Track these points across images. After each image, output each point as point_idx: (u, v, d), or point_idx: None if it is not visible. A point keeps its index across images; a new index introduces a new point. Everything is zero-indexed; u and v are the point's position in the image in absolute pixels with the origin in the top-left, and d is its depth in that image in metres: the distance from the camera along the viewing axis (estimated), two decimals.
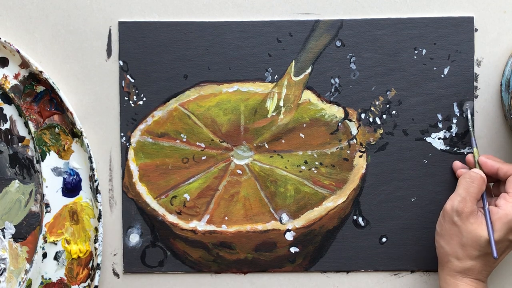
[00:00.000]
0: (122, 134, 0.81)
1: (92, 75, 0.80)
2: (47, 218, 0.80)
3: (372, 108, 0.80)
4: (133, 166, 0.81)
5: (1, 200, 0.80)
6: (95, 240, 0.79)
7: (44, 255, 0.80)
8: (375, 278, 0.81)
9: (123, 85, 0.80)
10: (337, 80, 0.80)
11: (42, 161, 0.80)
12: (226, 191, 0.81)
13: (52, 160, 0.80)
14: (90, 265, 0.80)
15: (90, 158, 0.79)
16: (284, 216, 0.81)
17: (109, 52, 0.80)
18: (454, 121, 0.80)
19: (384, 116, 0.80)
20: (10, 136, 0.80)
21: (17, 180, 0.80)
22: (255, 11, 0.80)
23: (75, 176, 0.80)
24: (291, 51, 0.80)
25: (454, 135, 0.80)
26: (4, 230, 0.80)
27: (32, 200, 0.80)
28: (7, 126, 0.80)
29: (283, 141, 0.81)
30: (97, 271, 0.79)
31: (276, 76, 0.80)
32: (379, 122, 0.80)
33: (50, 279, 0.80)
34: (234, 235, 0.81)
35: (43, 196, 0.80)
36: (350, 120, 0.80)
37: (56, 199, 0.80)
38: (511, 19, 0.80)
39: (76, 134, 0.80)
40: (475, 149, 0.77)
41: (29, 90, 0.80)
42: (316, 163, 0.80)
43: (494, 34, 0.80)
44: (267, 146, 0.81)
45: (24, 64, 0.79)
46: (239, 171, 0.81)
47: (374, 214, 0.80)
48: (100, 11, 0.80)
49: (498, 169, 0.76)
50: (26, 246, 0.80)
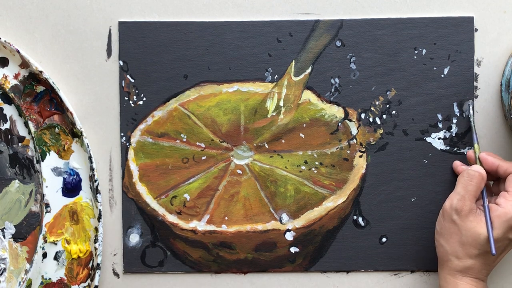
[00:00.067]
0: (122, 134, 0.81)
1: (92, 75, 0.80)
2: (47, 218, 0.80)
3: (372, 108, 0.80)
4: (133, 166, 0.81)
5: (1, 200, 0.80)
6: (95, 240, 0.79)
7: (44, 255, 0.80)
8: (375, 278, 0.81)
9: (123, 85, 0.80)
10: (337, 80, 0.80)
11: (42, 161, 0.80)
12: (226, 191, 0.81)
13: (52, 160, 0.80)
14: (90, 265, 0.80)
15: (90, 158, 0.79)
16: (284, 216, 0.81)
17: (109, 52, 0.80)
18: (454, 121, 0.80)
19: (384, 116, 0.80)
20: (10, 136, 0.80)
21: (17, 180, 0.80)
22: (255, 11, 0.80)
23: (75, 176, 0.80)
24: (291, 51, 0.80)
25: (454, 135, 0.80)
26: (4, 230, 0.80)
27: (32, 200, 0.80)
28: (7, 126, 0.80)
29: (283, 141, 0.81)
30: (97, 271, 0.79)
31: (276, 76, 0.80)
32: (379, 122, 0.80)
33: (50, 279, 0.80)
34: (234, 235, 0.81)
35: (43, 196, 0.80)
36: (350, 120, 0.80)
37: (56, 199, 0.80)
38: (511, 19, 0.80)
39: (76, 134, 0.80)
40: (476, 145, 0.77)
41: (29, 90, 0.80)
42: (316, 163, 0.80)
43: (494, 34, 0.80)
44: (267, 146, 0.81)
45: (24, 64, 0.79)
46: (239, 171, 0.81)
47: (374, 214, 0.80)
48: (100, 11, 0.80)
49: (498, 166, 0.76)
50: (26, 246, 0.80)
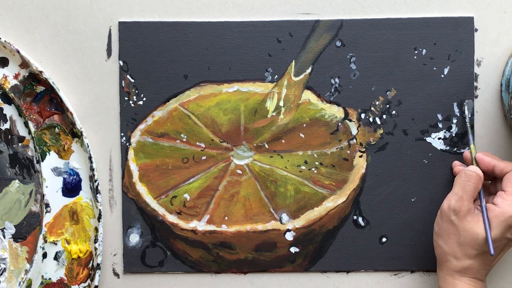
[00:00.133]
0: (122, 134, 0.81)
1: (92, 75, 0.80)
2: (47, 218, 0.80)
3: (372, 108, 0.80)
4: (133, 166, 0.81)
5: (1, 200, 0.80)
6: (95, 240, 0.79)
7: (44, 255, 0.80)
8: (375, 278, 0.81)
9: (123, 85, 0.80)
10: (337, 80, 0.80)
11: (42, 161, 0.80)
12: (226, 191, 0.81)
13: (52, 160, 0.80)
14: (90, 265, 0.80)
15: (90, 158, 0.79)
16: (284, 216, 0.81)
17: (109, 52, 0.80)
18: (454, 121, 0.80)
19: (384, 116, 0.80)
20: (10, 136, 0.80)
21: (17, 180, 0.80)
22: (255, 11, 0.80)
23: (75, 176, 0.80)
24: (291, 51, 0.80)
25: (454, 135, 0.80)
26: (4, 230, 0.80)
27: (32, 200, 0.80)
28: (7, 126, 0.80)
29: (283, 141, 0.81)
30: (97, 271, 0.79)
31: (276, 76, 0.80)
32: (379, 122, 0.80)
33: (50, 279, 0.80)
34: (234, 235, 0.81)
35: (43, 196, 0.80)
36: (350, 120, 0.80)
37: (56, 199, 0.80)
38: (511, 19, 0.80)
39: (76, 134, 0.80)
40: (472, 145, 0.77)
41: (29, 90, 0.79)
42: (316, 163, 0.80)
43: (494, 34, 0.80)
44: (267, 146, 0.81)
45: (24, 64, 0.79)
46: (239, 171, 0.81)
47: (374, 214, 0.80)
48: (100, 11, 0.80)
49: (494, 166, 0.75)
50: (26, 246, 0.80)
